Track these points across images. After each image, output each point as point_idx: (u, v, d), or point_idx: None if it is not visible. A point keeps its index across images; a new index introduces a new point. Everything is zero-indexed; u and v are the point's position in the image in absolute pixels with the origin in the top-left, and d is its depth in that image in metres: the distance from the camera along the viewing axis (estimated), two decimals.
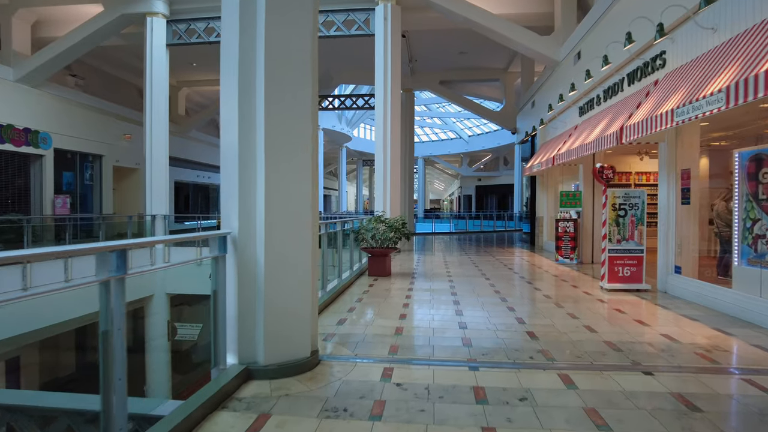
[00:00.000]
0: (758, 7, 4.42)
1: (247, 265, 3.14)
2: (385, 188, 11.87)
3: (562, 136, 10.68)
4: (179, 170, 22.82)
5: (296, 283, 3.28)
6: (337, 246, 6.83)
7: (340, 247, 6.83)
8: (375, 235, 7.52)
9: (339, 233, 6.81)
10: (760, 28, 4.22)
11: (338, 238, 6.82)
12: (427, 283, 7.17)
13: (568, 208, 9.89)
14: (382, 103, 12.07)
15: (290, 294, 3.26)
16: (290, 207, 3.25)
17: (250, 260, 3.14)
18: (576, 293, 6.29)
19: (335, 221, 6.81)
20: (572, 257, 9.65)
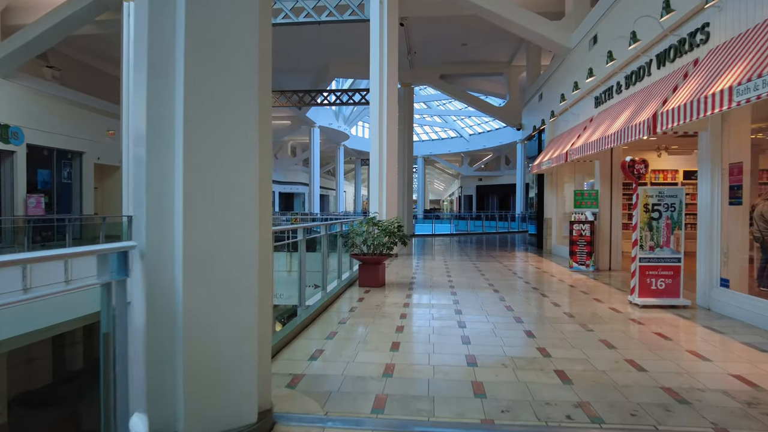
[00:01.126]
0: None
1: (160, 292, 2.15)
2: (380, 188, 10.90)
3: (575, 130, 9.70)
4: None
5: (236, 313, 2.29)
6: (322, 253, 5.84)
7: (324, 255, 5.84)
8: (367, 239, 6.54)
9: (324, 238, 5.83)
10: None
11: (323, 243, 5.84)
12: (426, 295, 6.18)
13: (583, 208, 8.90)
14: (377, 94, 11.11)
15: (226, 330, 2.27)
16: (225, 208, 2.26)
17: (164, 284, 2.15)
18: (602, 310, 5.31)
19: (319, 224, 5.83)
20: (588, 264, 8.66)
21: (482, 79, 20.84)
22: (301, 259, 4.85)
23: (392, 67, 11.19)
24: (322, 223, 5.78)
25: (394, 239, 6.62)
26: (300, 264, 4.85)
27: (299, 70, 19.75)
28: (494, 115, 19.50)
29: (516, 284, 7.18)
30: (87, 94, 15.99)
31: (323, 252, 5.81)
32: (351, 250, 6.81)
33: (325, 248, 5.82)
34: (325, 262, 5.82)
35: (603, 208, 8.95)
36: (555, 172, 12.22)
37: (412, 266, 9.44)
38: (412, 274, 8.30)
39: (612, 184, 8.97)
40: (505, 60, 18.52)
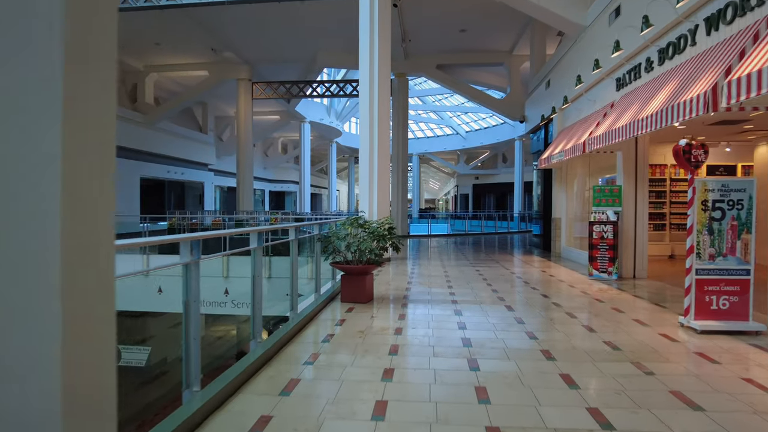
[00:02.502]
0: None
1: None
2: (371, 185, 9.67)
3: (592, 118, 8.52)
4: (146, 165, 20.48)
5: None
6: (292, 262, 4.59)
7: (293, 267, 4.59)
8: (351, 244, 5.29)
9: (293, 244, 4.57)
10: None
11: (293, 251, 4.58)
12: (424, 315, 4.95)
13: (603, 207, 7.72)
14: (367, 82, 9.87)
15: None
16: None
17: None
18: (652, 338, 4.10)
19: (288, 225, 4.58)
20: (610, 271, 7.47)
21: (481, 71, 19.65)
22: (256, 276, 3.60)
23: (384, 52, 9.96)
24: (291, 225, 4.52)
25: (384, 244, 5.38)
26: (254, 283, 3.60)
27: (285, 60, 18.46)
28: (495, 109, 18.30)
29: (532, 298, 5.97)
30: None
31: (292, 261, 4.56)
32: (333, 257, 5.57)
33: (294, 257, 4.57)
34: (294, 276, 4.57)
35: (626, 206, 7.76)
36: (565, 167, 11.04)
37: (407, 273, 8.21)
38: (407, 283, 7.07)
39: (637, 179, 7.79)
40: (507, 49, 17.34)
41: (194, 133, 24.10)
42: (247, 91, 19.33)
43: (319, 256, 5.57)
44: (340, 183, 49.77)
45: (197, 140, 24.21)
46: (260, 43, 16.90)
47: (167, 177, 22.08)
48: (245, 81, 19.25)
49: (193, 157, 23.92)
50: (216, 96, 22.82)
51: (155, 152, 20.83)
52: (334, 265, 5.51)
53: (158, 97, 21.40)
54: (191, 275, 2.62)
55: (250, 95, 19.41)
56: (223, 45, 17.16)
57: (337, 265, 5.47)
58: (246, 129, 19.62)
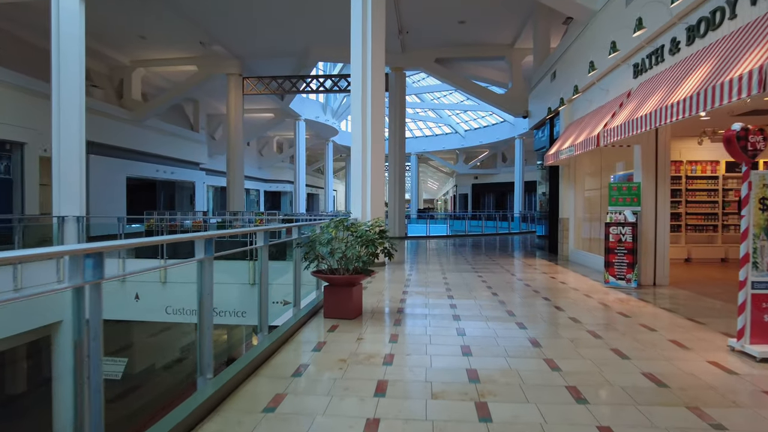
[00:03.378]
0: None
1: None
2: (364, 184, 8.90)
3: (605, 109, 7.75)
4: (134, 164, 19.65)
5: None
6: (260, 274, 3.81)
7: (263, 280, 3.81)
8: (335, 250, 4.51)
9: (263, 251, 3.78)
10: None
11: (261, 257, 3.79)
12: (421, 335, 4.17)
13: (621, 206, 6.94)
14: (359, 73, 9.10)
15: None
16: None
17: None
18: (702, 368, 3.33)
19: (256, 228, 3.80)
20: (629, 278, 6.70)
21: (482, 65, 18.88)
22: (204, 295, 2.81)
23: (377, 42, 9.18)
24: (259, 228, 3.73)
25: (373, 250, 4.59)
26: (201, 305, 2.81)
27: (277, 54, 17.66)
28: (496, 104, 17.53)
29: (545, 312, 5.19)
30: (29, 77, 13.79)
31: (260, 273, 3.77)
32: (317, 265, 4.78)
33: (263, 268, 3.78)
34: (263, 291, 3.78)
35: (646, 206, 6.99)
36: (573, 163, 10.27)
37: (403, 279, 7.43)
38: (402, 293, 6.28)
39: (657, 176, 7.01)
40: (508, 42, 16.58)
41: (185, 131, 23.28)
42: (237, 87, 18.54)
43: (299, 265, 4.78)
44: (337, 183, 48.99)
45: (188, 138, 23.39)
46: (250, 36, 16.11)
47: (156, 176, 21.24)
48: (235, 76, 18.45)
49: (184, 155, 23.10)
50: (208, 93, 22.01)
51: (143, 151, 20.00)
52: (316, 274, 4.72)
53: (146, 94, 20.58)
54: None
55: (240, 91, 18.61)
56: (212, 38, 16.36)
57: (319, 275, 4.68)
58: (236, 126, 18.82)
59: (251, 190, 34.98)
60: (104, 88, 18.29)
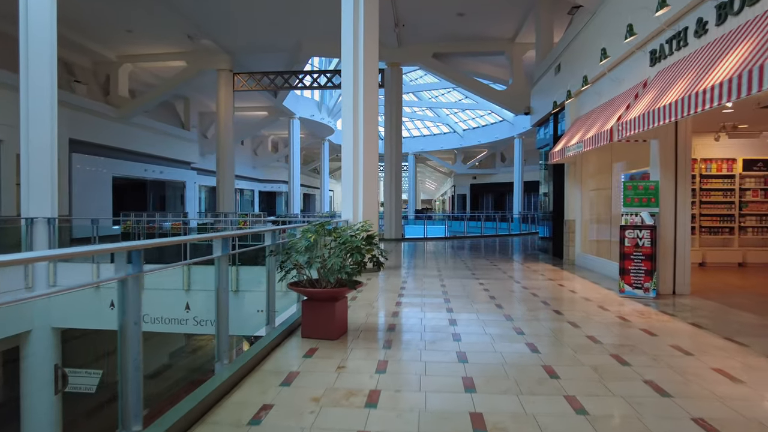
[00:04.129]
0: None
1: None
2: (355, 184, 8.26)
3: (617, 102, 7.11)
4: (121, 163, 18.95)
5: None
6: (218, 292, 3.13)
7: (221, 299, 3.13)
8: (313, 259, 3.83)
9: (221, 263, 3.11)
10: None
11: (218, 270, 3.12)
12: (414, 363, 3.50)
13: (636, 207, 6.29)
14: (351, 68, 8.45)
15: None
16: None
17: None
18: (765, 409, 2.67)
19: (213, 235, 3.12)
20: (647, 287, 6.04)
21: (481, 61, 18.24)
22: (126, 323, 2.15)
23: (370, 36, 8.52)
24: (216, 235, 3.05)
25: (359, 258, 3.92)
26: (122, 336, 2.15)
27: (268, 48, 16.98)
28: (496, 101, 16.90)
29: (559, 329, 4.52)
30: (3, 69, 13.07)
31: (218, 290, 3.10)
32: (295, 276, 4.11)
33: (222, 282, 3.11)
34: (222, 312, 3.11)
35: (665, 207, 6.34)
36: (580, 161, 9.63)
37: (398, 288, 6.76)
38: (395, 304, 5.61)
39: (677, 174, 6.36)
40: (508, 36, 15.95)
41: (175, 130, 22.57)
42: (227, 83, 17.85)
43: (273, 276, 4.10)
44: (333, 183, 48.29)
45: (178, 137, 22.68)
46: (239, 30, 15.42)
47: (144, 176, 20.53)
48: (226, 71, 17.77)
49: (174, 154, 22.40)
50: (199, 90, 21.32)
51: (130, 149, 19.29)
52: (293, 287, 4.04)
53: (134, 90, 19.88)
54: None
55: (231, 87, 17.93)
56: (200, 32, 15.67)
57: (296, 288, 4.00)
58: (227, 124, 18.14)
59: (246, 191, 34.26)
60: (88, 84, 17.57)
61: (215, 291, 3.14)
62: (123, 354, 2.18)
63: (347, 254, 3.84)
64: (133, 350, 2.22)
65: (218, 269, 3.12)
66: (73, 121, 15.95)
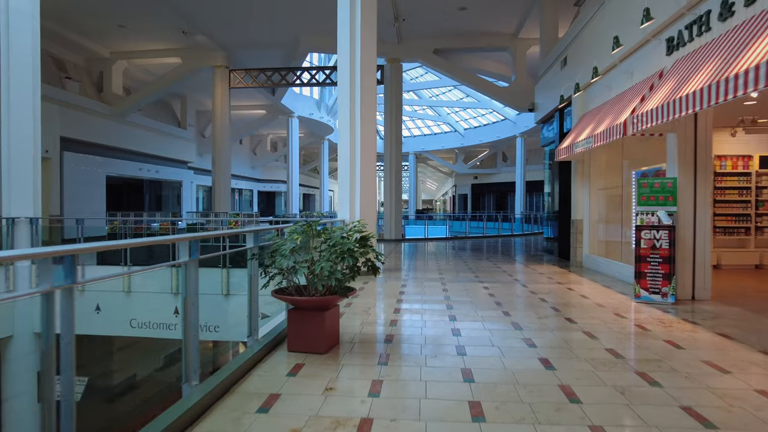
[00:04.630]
0: None
1: None
2: (352, 184, 7.83)
3: (629, 94, 6.67)
4: (115, 162, 18.54)
5: None
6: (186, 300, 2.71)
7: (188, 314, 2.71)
8: (298, 264, 3.41)
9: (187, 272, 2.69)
10: None
11: (186, 278, 2.69)
12: (413, 383, 3.07)
13: (652, 206, 5.85)
14: (347, 63, 8.01)
15: None
16: None
17: None
18: None
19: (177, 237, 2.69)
20: (665, 291, 5.60)
21: (483, 57, 17.82)
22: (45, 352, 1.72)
23: (368, 31, 8.08)
24: (179, 237, 2.63)
25: (351, 263, 3.48)
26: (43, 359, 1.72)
27: (265, 44, 16.56)
28: (499, 98, 16.47)
29: (573, 340, 4.08)
30: None
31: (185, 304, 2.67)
32: (280, 282, 3.68)
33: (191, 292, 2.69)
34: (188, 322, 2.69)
35: (683, 205, 5.91)
36: (588, 158, 9.19)
37: (396, 293, 6.32)
38: (393, 311, 5.18)
39: (696, 170, 5.93)
40: (511, 32, 15.52)
41: (172, 128, 22.15)
42: (223, 80, 17.44)
43: (255, 282, 3.67)
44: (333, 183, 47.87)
45: (175, 136, 22.26)
46: (236, 25, 15.01)
47: (139, 175, 20.11)
48: (221, 68, 17.35)
49: (171, 153, 21.97)
50: (196, 88, 20.91)
51: (125, 148, 18.87)
52: (277, 295, 3.61)
53: (129, 88, 19.48)
54: None
55: (227, 84, 17.51)
56: (195, 27, 15.26)
57: (281, 296, 3.57)
58: (223, 122, 17.72)
59: (244, 191, 33.86)
60: (81, 81, 17.16)
61: (182, 301, 2.72)
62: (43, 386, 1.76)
63: (338, 258, 3.41)
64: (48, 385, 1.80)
65: (185, 276, 2.69)
66: (65, 119, 15.55)
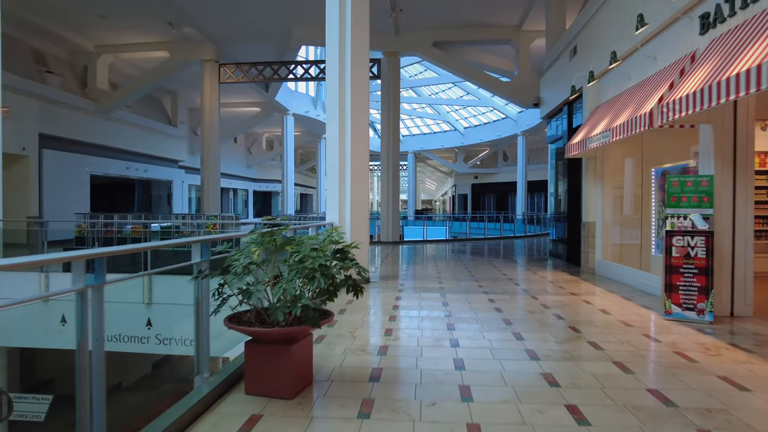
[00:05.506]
0: None
1: None
2: (342, 183, 7.04)
3: (654, 80, 5.89)
4: (99, 160, 17.74)
5: None
6: (80, 343, 1.92)
7: (95, 346, 1.92)
8: (251, 287, 2.61)
9: (82, 299, 1.91)
10: None
11: (78, 311, 1.91)
12: None
13: (684, 208, 5.07)
14: (336, 54, 7.19)
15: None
16: None
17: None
18: None
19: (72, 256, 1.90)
20: (702, 308, 4.82)
21: (485, 50, 17.03)
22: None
23: (359, 19, 7.25)
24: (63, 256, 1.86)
25: (320, 284, 2.68)
26: None
27: (256, 37, 15.77)
28: (501, 93, 15.69)
29: (606, 377, 3.29)
30: None
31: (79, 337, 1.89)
32: (234, 308, 2.88)
33: (95, 325, 1.90)
34: (95, 367, 1.90)
35: (721, 207, 5.12)
36: (602, 155, 8.40)
37: (389, 310, 5.52)
38: (384, 334, 4.39)
39: (736, 166, 5.15)
40: (514, 23, 14.73)
41: (161, 126, 21.36)
42: (213, 74, 16.64)
43: (203, 307, 2.88)
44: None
45: (164, 133, 21.47)
46: (225, 16, 14.20)
47: (126, 174, 19.31)
48: (211, 62, 16.55)
49: (160, 152, 21.18)
50: (187, 85, 20.10)
51: (111, 146, 18.07)
52: (231, 324, 2.81)
53: (116, 84, 18.66)
54: None
55: (216, 79, 16.71)
56: (182, 18, 14.46)
57: (234, 326, 2.78)
58: (212, 118, 16.91)
59: (239, 190, 33.05)
60: (63, 75, 16.36)
61: (77, 344, 1.93)
62: None
63: (307, 278, 2.61)
64: None
65: (80, 309, 1.91)
66: (45, 115, 14.77)
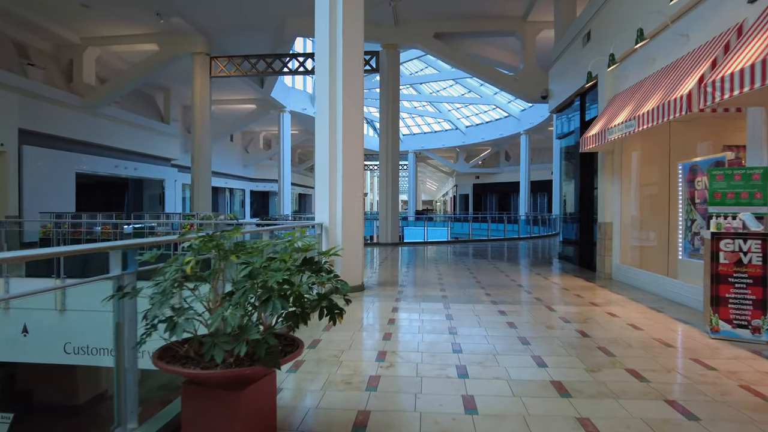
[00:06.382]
0: None
1: None
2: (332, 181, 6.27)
3: (689, 60, 5.12)
4: (86, 158, 16.96)
5: None
6: None
7: None
8: (176, 316, 1.84)
9: None
10: None
11: None
12: None
13: (731, 206, 4.30)
14: (326, 46, 6.42)
15: None
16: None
17: None
18: None
19: None
20: (757, 325, 4.04)
21: (488, 43, 16.25)
22: None
23: (352, 7, 6.49)
24: None
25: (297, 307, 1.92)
26: None
27: (249, 28, 15.00)
28: (506, 87, 14.93)
29: (659, 421, 2.52)
30: None
31: None
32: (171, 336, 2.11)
33: None
34: None
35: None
36: (620, 149, 7.62)
37: (384, 326, 4.75)
38: (375, 360, 3.62)
39: None
40: (519, 14, 13.97)
41: (152, 123, 20.60)
42: (204, 68, 15.87)
43: (124, 336, 2.11)
44: None
45: (156, 131, 20.71)
46: (215, 6, 13.45)
47: (115, 173, 18.53)
48: (202, 55, 15.79)
49: (151, 150, 20.41)
50: (181, 81, 19.28)
51: (98, 143, 17.29)
52: (160, 363, 2.04)
53: (104, 78, 17.89)
54: None
55: (207, 73, 15.95)
56: (171, 8, 13.71)
57: (164, 366, 2.01)
58: (203, 114, 16.15)
59: (236, 190, 32.30)
60: (46, 69, 15.61)
61: None
62: None
63: (261, 299, 1.84)
64: None
65: None
66: (26, 109, 13.98)
